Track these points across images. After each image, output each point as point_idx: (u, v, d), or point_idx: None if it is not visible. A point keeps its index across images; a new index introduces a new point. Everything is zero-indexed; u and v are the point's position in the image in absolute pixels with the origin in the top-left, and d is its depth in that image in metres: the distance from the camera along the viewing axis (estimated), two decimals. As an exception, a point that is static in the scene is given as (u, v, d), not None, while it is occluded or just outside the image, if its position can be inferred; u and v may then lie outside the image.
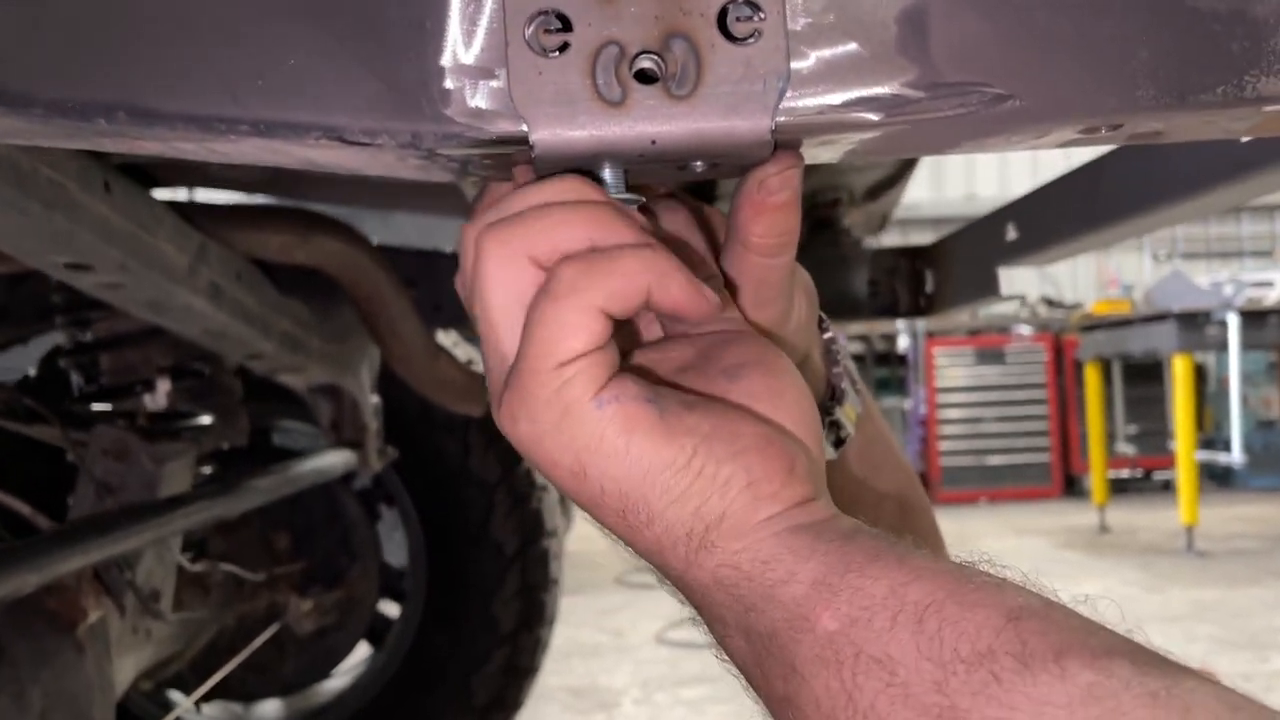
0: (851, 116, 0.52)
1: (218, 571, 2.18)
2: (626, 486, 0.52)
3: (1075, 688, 0.43)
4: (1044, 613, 0.47)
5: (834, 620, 0.49)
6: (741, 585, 0.52)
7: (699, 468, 0.52)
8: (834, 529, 0.53)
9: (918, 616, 0.47)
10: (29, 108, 0.52)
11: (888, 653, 0.47)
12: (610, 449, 0.52)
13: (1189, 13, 0.52)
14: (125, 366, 1.82)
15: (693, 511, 0.52)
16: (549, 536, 2.80)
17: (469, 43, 0.52)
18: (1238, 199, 1.17)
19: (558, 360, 0.52)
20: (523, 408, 0.53)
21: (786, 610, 0.50)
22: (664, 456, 0.52)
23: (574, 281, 0.52)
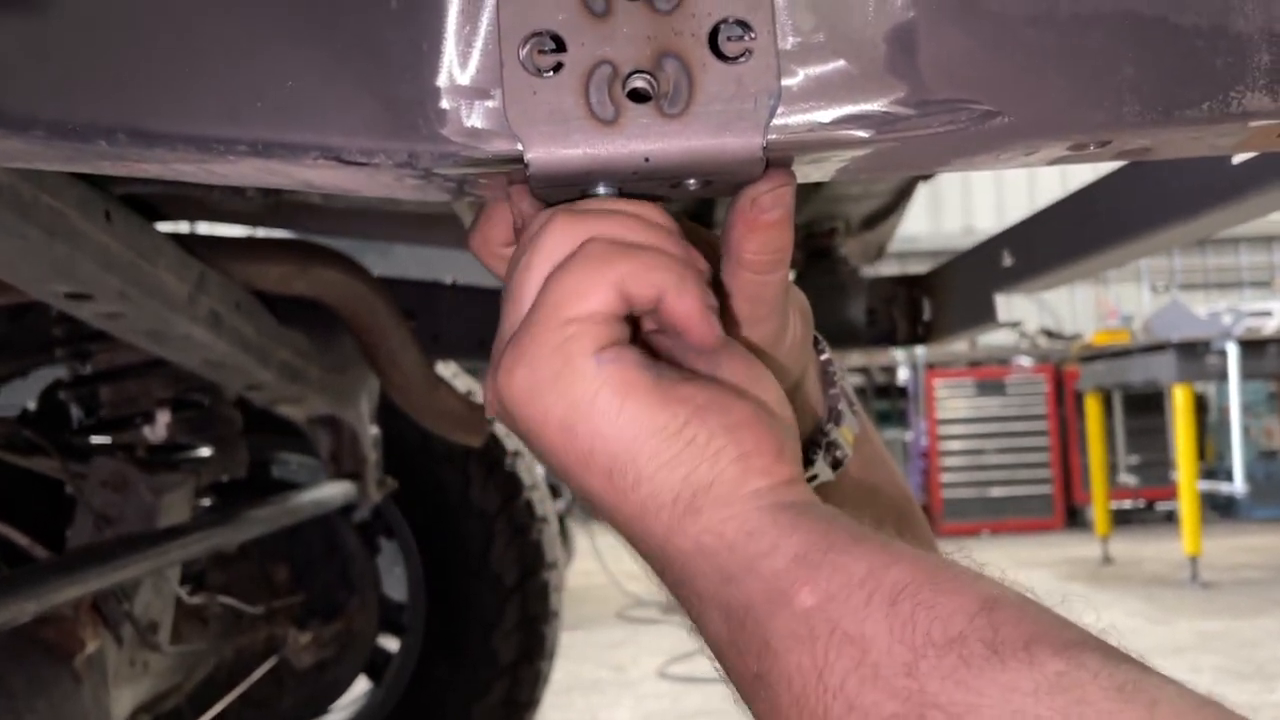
0: (842, 134, 0.53)
1: (216, 604, 2.17)
2: (616, 447, 0.53)
3: (1043, 676, 0.43)
4: (1018, 604, 0.48)
5: (812, 596, 0.49)
6: (723, 554, 0.52)
7: (691, 435, 0.53)
8: (819, 508, 0.54)
9: (893, 598, 0.48)
10: (30, 130, 0.53)
11: (861, 632, 0.47)
12: (604, 407, 0.53)
13: (1173, 30, 0.53)
14: (125, 398, 1.82)
15: (682, 477, 0.53)
16: (549, 568, 2.78)
17: (465, 64, 0.53)
18: (1231, 222, 1.17)
19: (568, 316, 0.53)
20: (524, 357, 0.54)
21: (765, 583, 0.50)
22: (657, 420, 0.53)
23: (603, 253, 0.54)
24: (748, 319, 0.64)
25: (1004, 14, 0.53)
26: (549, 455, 0.56)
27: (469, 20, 0.53)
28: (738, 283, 0.62)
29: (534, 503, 2.76)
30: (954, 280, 1.93)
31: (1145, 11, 0.53)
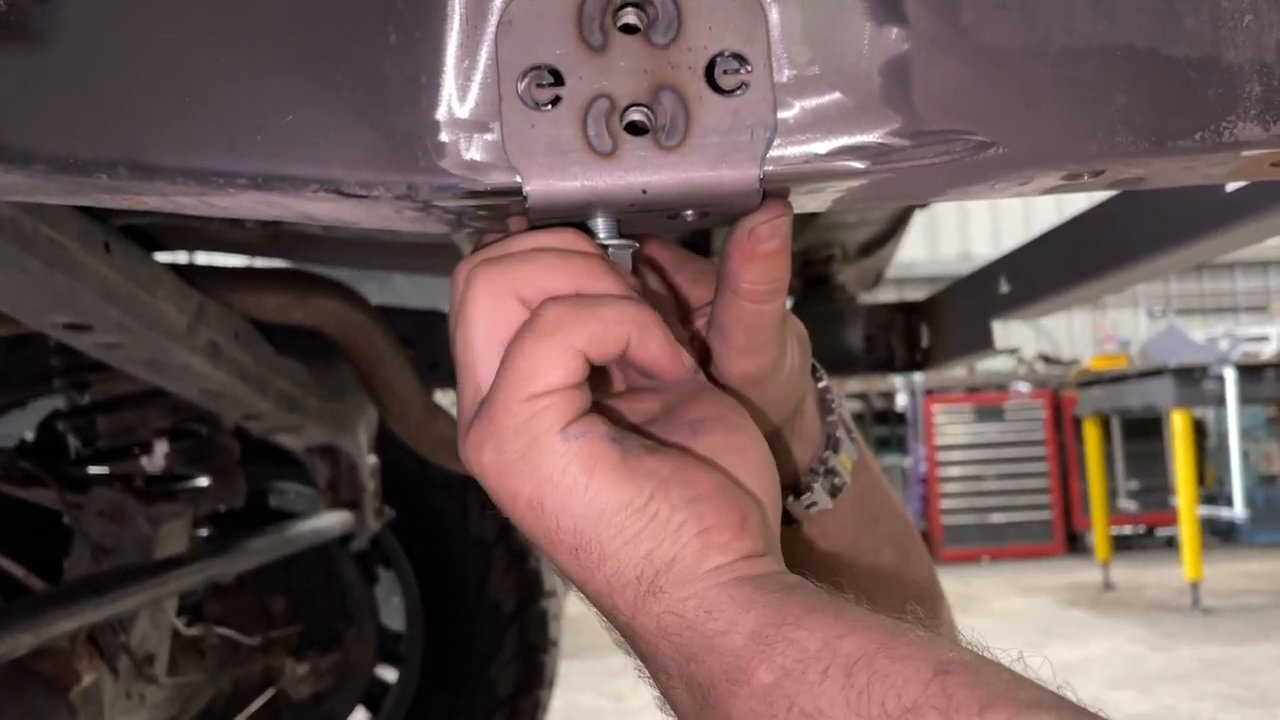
0: (838, 165, 0.54)
1: (213, 635, 2.16)
2: (583, 524, 0.53)
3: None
4: (973, 666, 0.47)
5: (769, 673, 0.49)
6: (684, 634, 0.52)
7: (654, 511, 0.53)
8: (777, 581, 0.53)
9: (848, 670, 0.48)
10: (31, 165, 0.53)
11: (818, 706, 0.47)
12: (571, 484, 0.53)
13: (1165, 61, 0.53)
14: (123, 429, 1.82)
15: (644, 555, 0.53)
16: (548, 597, 2.77)
17: (463, 97, 0.53)
18: (1226, 248, 1.18)
19: (531, 392, 0.53)
20: (490, 437, 0.54)
21: (725, 661, 0.50)
22: (621, 496, 0.53)
23: (558, 320, 0.53)
24: (745, 348, 0.64)
25: (997, 46, 0.54)
26: (520, 528, 0.56)
27: (468, 54, 0.54)
28: (735, 312, 0.62)
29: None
30: (951, 307, 1.94)
31: (1137, 43, 0.53)
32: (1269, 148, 0.54)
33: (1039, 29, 0.54)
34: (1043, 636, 5.98)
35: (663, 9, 0.53)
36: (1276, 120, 0.53)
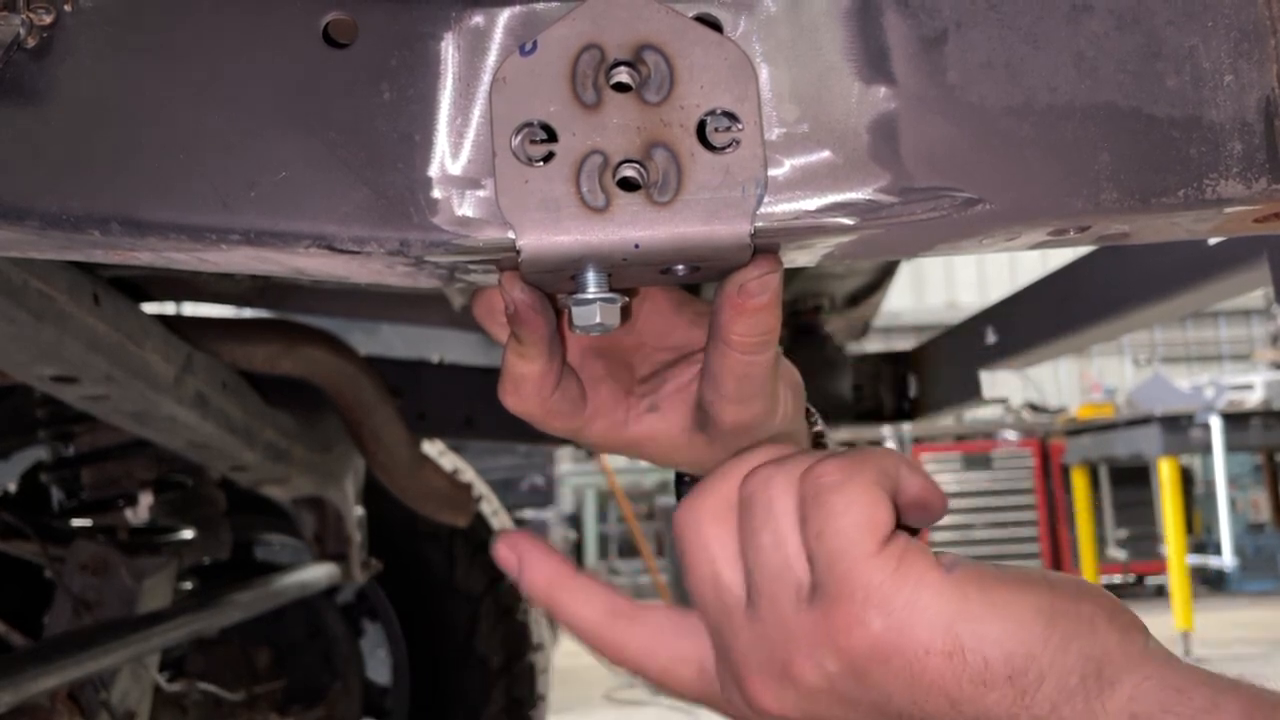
0: (827, 221, 0.54)
1: (195, 691, 2.13)
2: (1011, 645, 0.48)
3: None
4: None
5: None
6: (1159, 717, 0.48)
7: (1063, 608, 0.49)
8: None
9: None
10: (24, 220, 0.53)
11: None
12: (980, 610, 0.48)
13: (1148, 120, 0.54)
14: (107, 480, 1.81)
15: (1078, 653, 0.49)
16: (536, 650, 2.74)
17: (457, 154, 0.54)
18: (1210, 300, 1.19)
19: (881, 537, 0.49)
20: (869, 603, 0.48)
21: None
22: (1029, 602, 0.49)
23: (845, 467, 0.50)
24: (736, 397, 0.64)
25: (983, 105, 0.54)
26: (929, 696, 0.49)
27: (461, 111, 0.54)
28: (726, 363, 0.63)
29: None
30: (939, 357, 1.95)
31: (1120, 103, 0.54)
32: (1251, 204, 0.55)
33: (1024, 88, 0.55)
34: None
35: (655, 68, 0.53)
36: (1258, 178, 0.54)
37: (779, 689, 0.51)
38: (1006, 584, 0.49)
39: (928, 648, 0.48)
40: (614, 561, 11.68)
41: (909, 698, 0.49)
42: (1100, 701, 0.48)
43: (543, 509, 8.68)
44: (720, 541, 0.53)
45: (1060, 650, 0.48)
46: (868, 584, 0.48)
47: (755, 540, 0.52)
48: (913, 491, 0.53)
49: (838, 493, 0.49)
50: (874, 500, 0.49)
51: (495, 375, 0.63)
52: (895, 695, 0.50)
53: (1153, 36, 0.55)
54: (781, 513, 0.51)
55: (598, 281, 0.57)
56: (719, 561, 0.53)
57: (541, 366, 0.62)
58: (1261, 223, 0.57)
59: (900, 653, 0.48)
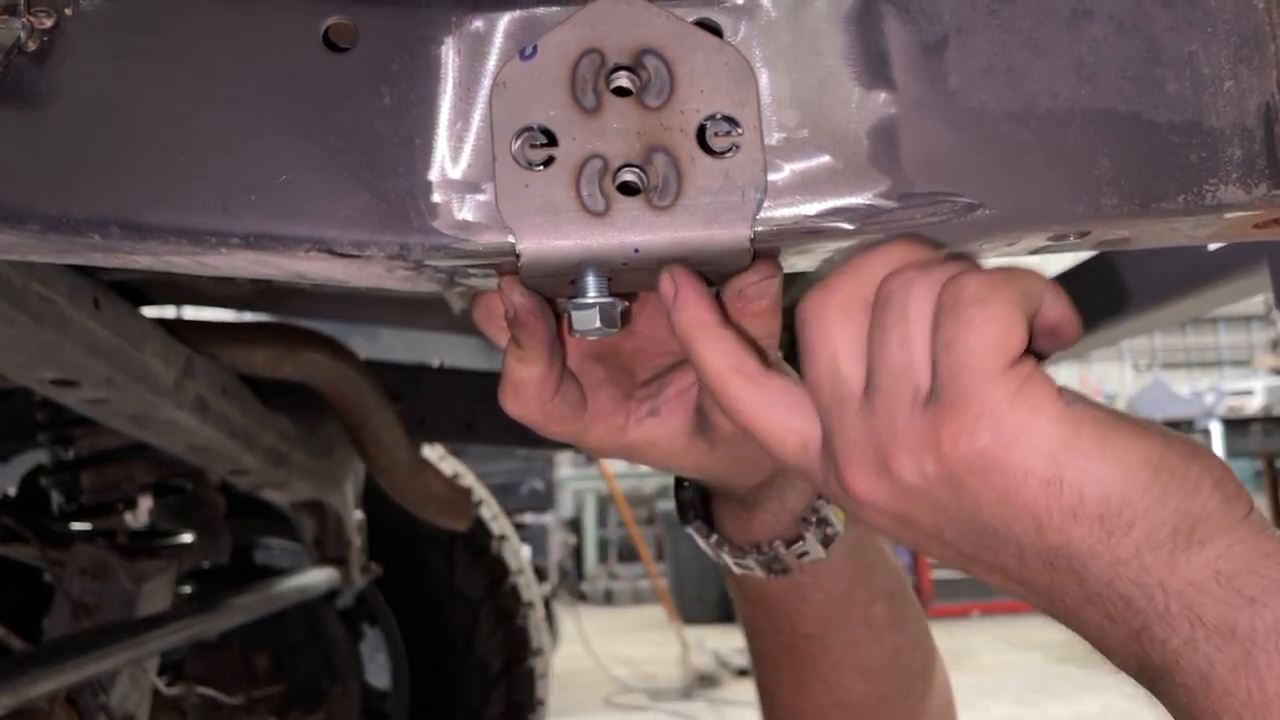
0: (827, 225, 0.54)
1: (194, 694, 2.12)
2: (1110, 487, 0.49)
3: None
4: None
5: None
6: (1243, 577, 0.49)
7: (1171, 464, 0.50)
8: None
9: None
10: (25, 223, 0.53)
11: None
12: (1088, 448, 0.49)
13: (1148, 125, 0.54)
14: (107, 484, 1.81)
15: (1175, 508, 0.49)
16: (535, 655, 2.74)
17: (457, 158, 0.54)
18: (1210, 306, 1.19)
19: (1008, 359, 0.49)
20: (982, 418, 0.49)
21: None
22: (1140, 452, 0.50)
23: (991, 282, 0.50)
24: None
25: (984, 110, 0.55)
26: (1016, 517, 0.51)
27: (461, 115, 0.54)
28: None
29: (520, 587, 2.72)
30: (939, 362, 1.95)
31: (1120, 108, 0.54)
32: (1251, 210, 0.55)
33: (1024, 93, 0.55)
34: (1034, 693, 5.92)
35: (655, 72, 0.53)
36: (1258, 183, 0.54)
37: (876, 479, 0.53)
38: (1121, 429, 0.50)
39: (1028, 471, 0.49)
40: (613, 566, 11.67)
41: (998, 514, 0.51)
42: (1186, 555, 0.49)
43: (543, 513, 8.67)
44: (846, 334, 0.54)
45: (1158, 502, 0.49)
46: (985, 399, 0.49)
47: (885, 338, 0.52)
48: (1052, 317, 0.53)
49: (977, 306, 0.50)
50: (1011, 320, 0.50)
51: (495, 379, 0.63)
52: (985, 508, 0.51)
53: (1153, 42, 0.55)
54: (916, 316, 0.52)
55: (597, 286, 0.57)
56: (841, 353, 0.54)
57: (541, 371, 0.62)
58: (1261, 228, 0.57)
59: (1001, 470, 0.50)
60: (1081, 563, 0.51)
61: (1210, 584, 0.50)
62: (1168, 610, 0.50)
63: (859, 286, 0.54)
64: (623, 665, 5.66)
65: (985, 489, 0.50)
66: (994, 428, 0.49)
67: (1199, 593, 0.50)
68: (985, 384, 0.49)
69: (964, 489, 0.51)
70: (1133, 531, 0.50)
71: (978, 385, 0.49)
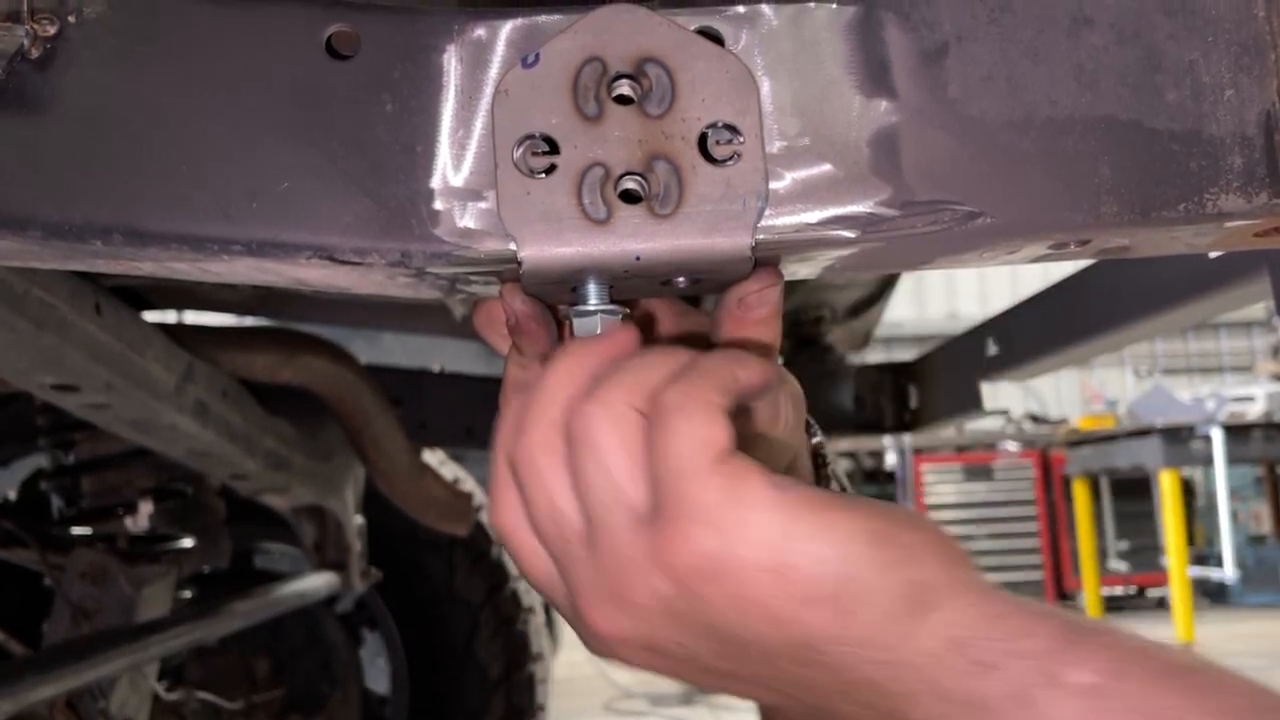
0: (828, 234, 0.54)
1: (194, 700, 2.12)
2: (835, 565, 0.48)
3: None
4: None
5: (1088, 673, 0.47)
6: (977, 643, 0.49)
7: (890, 535, 0.50)
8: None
9: (1173, 670, 0.46)
10: (27, 230, 0.53)
11: (1161, 704, 0.46)
12: (808, 529, 0.48)
13: (1148, 133, 0.54)
14: (107, 488, 1.81)
15: (902, 578, 0.49)
16: (535, 660, 2.74)
17: (459, 165, 0.54)
18: (1211, 313, 1.19)
19: (714, 457, 0.49)
20: (699, 522, 0.48)
21: (1032, 667, 0.48)
22: (857, 526, 0.49)
23: (684, 386, 0.50)
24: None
25: (984, 118, 0.55)
26: (753, 617, 0.50)
27: (463, 123, 0.54)
28: (727, 374, 0.63)
29: (520, 592, 2.72)
30: (940, 368, 1.95)
31: (1121, 116, 0.54)
32: (1252, 219, 0.55)
33: (1024, 101, 0.55)
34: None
35: (657, 81, 0.53)
36: (1259, 192, 0.54)
37: (614, 612, 0.51)
38: (835, 507, 0.50)
39: (755, 564, 0.48)
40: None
41: (736, 617, 0.49)
42: (920, 624, 0.49)
43: (543, 518, 8.64)
44: (554, 472, 0.52)
45: (883, 573, 0.49)
46: (699, 502, 0.48)
47: (583, 473, 0.51)
48: (751, 384, 0.53)
49: (675, 414, 0.49)
50: (709, 419, 0.49)
51: (496, 384, 0.63)
52: (723, 614, 0.50)
53: (1153, 50, 0.55)
54: (607, 444, 0.50)
55: (599, 293, 0.57)
56: (555, 493, 0.52)
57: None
58: (1262, 237, 0.57)
59: (728, 570, 0.49)
60: (825, 651, 0.50)
61: (946, 654, 0.49)
62: (913, 689, 0.50)
63: (551, 421, 0.52)
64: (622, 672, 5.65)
65: (718, 593, 0.49)
66: (713, 528, 0.48)
67: (938, 664, 0.49)
68: (695, 487, 0.48)
69: (699, 598, 0.49)
70: (867, 607, 0.49)
71: (689, 490, 0.48)
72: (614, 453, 0.50)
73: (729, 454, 0.49)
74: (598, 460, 0.50)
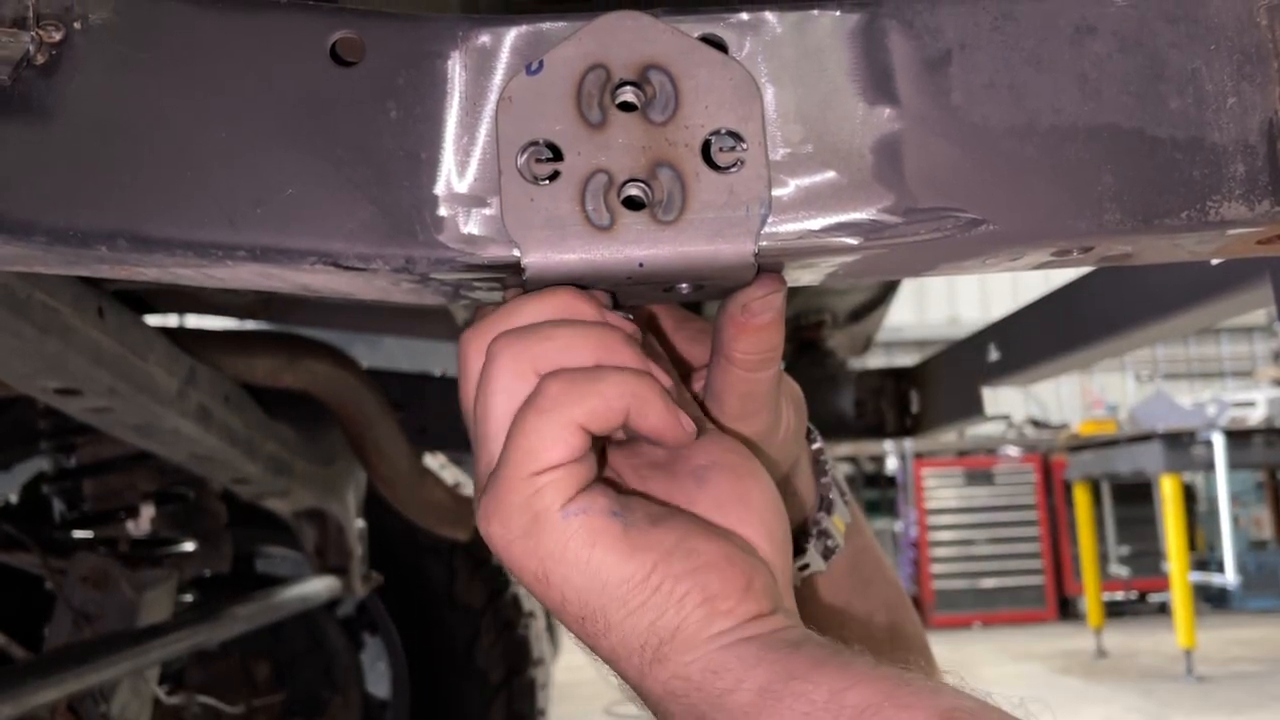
0: (831, 241, 0.54)
1: (195, 704, 2.12)
2: (587, 596, 0.54)
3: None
4: (977, 714, 0.49)
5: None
6: (691, 695, 0.53)
7: (657, 583, 0.54)
8: (782, 639, 0.54)
9: (856, 718, 0.49)
10: (31, 236, 0.53)
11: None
12: (573, 559, 0.54)
13: (1151, 141, 0.54)
14: (109, 492, 1.81)
15: (648, 625, 0.54)
16: (536, 665, 2.73)
17: (463, 172, 0.54)
18: (1213, 319, 1.19)
19: (533, 469, 0.54)
20: (496, 512, 0.55)
21: (733, 717, 0.51)
22: (624, 571, 0.54)
23: (558, 397, 0.54)
24: (739, 414, 0.64)
25: (987, 125, 0.55)
26: (532, 594, 0.57)
27: (467, 130, 0.54)
28: (729, 379, 0.63)
29: (521, 597, 2.72)
30: (941, 373, 1.95)
31: (1124, 124, 0.55)
32: (1254, 226, 0.55)
33: (1027, 109, 0.55)
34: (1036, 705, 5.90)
35: (660, 88, 0.54)
36: (1261, 200, 0.54)
37: (479, 524, 0.58)
38: (612, 547, 0.54)
39: (524, 566, 0.55)
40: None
41: (524, 585, 0.57)
42: (651, 668, 0.54)
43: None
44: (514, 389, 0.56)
45: (633, 616, 0.54)
46: (505, 498, 0.54)
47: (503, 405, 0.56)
48: (648, 426, 0.56)
49: (534, 415, 0.54)
50: (555, 438, 0.53)
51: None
52: (515, 577, 0.57)
53: (1156, 58, 0.55)
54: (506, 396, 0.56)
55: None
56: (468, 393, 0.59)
57: (543, 383, 0.62)
58: (1265, 244, 0.57)
59: (507, 560, 0.56)
60: (589, 649, 0.57)
61: (666, 699, 0.54)
62: (652, 710, 0.56)
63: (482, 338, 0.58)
64: (623, 675, 5.64)
65: (506, 563, 0.56)
66: (502, 522, 0.55)
67: (665, 705, 0.54)
68: (507, 485, 0.54)
69: (508, 560, 0.56)
70: (609, 637, 0.55)
71: (503, 482, 0.54)
72: (497, 399, 0.56)
73: (550, 469, 0.54)
74: (485, 401, 0.56)
